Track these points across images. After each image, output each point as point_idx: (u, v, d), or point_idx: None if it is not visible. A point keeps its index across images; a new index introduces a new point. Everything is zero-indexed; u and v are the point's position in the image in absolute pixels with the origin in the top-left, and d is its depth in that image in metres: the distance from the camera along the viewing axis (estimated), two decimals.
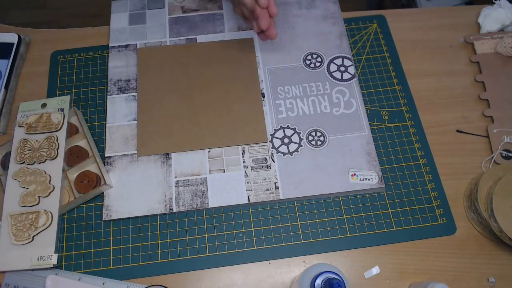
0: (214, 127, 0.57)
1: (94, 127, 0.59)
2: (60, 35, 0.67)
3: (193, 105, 0.58)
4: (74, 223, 0.53)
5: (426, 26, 0.67)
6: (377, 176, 0.54)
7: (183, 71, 0.61)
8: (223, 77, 0.60)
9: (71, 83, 0.62)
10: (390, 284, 0.50)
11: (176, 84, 0.60)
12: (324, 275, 0.37)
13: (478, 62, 0.63)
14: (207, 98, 0.59)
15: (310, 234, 0.52)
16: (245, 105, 0.58)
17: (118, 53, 0.63)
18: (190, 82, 0.60)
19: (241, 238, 0.52)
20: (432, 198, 0.54)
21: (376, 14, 0.67)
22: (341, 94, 0.60)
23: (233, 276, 0.51)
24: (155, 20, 0.66)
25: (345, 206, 0.54)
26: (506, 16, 0.63)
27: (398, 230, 0.52)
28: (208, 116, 0.58)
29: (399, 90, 0.61)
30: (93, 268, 0.51)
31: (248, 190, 0.54)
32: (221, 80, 0.60)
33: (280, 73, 0.61)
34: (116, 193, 0.54)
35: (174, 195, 0.54)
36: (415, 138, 0.58)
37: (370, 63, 0.63)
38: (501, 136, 0.57)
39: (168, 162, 0.55)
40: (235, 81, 0.60)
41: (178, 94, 0.59)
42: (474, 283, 0.50)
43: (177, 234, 0.52)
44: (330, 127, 0.57)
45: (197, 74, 0.61)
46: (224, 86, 0.60)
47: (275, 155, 0.56)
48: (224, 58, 0.62)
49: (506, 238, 0.47)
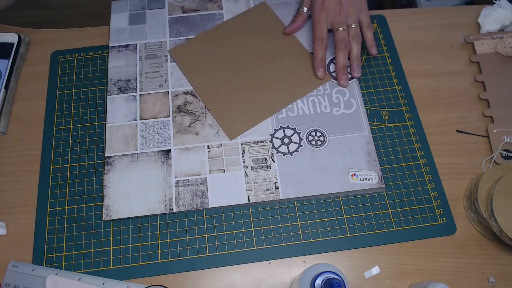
0: (279, 87, 0.60)
1: (94, 127, 0.59)
2: (60, 35, 0.67)
3: (250, 76, 0.61)
4: (74, 223, 0.53)
5: (426, 26, 0.67)
6: (377, 176, 0.54)
7: (224, 51, 0.63)
8: (261, 42, 0.64)
9: (71, 83, 0.62)
10: (390, 284, 0.50)
11: (225, 65, 0.62)
12: (324, 275, 0.37)
13: (478, 62, 0.63)
14: (258, 65, 0.61)
15: (310, 234, 0.52)
16: (293, 58, 0.62)
17: (118, 53, 0.63)
18: (236, 58, 0.62)
19: (241, 238, 0.52)
20: (432, 198, 0.54)
21: (376, 14, 0.67)
22: (341, 94, 0.60)
23: (233, 276, 0.51)
24: (155, 20, 0.66)
25: (345, 206, 0.54)
26: (506, 16, 0.63)
27: (398, 230, 0.52)
28: (268, 80, 0.60)
29: (399, 90, 0.61)
30: (93, 268, 0.51)
31: (248, 190, 0.54)
32: (261, 45, 0.63)
33: None
34: (116, 193, 0.54)
35: (174, 195, 0.54)
36: (415, 138, 0.58)
37: (370, 63, 0.63)
38: (501, 136, 0.57)
39: (168, 162, 0.55)
40: (274, 41, 0.63)
41: (231, 73, 0.61)
42: (474, 283, 0.50)
43: (177, 234, 0.52)
44: (330, 127, 0.57)
45: (237, 48, 0.63)
46: (267, 49, 0.63)
47: (275, 155, 0.56)
48: (253, 26, 0.65)
49: (506, 238, 0.47)
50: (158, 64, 0.62)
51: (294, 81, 0.60)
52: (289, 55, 0.62)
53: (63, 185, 0.55)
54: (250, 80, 0.60)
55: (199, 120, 0.58)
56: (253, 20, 0.65)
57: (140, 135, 0.57)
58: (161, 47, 0.64)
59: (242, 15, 0.66)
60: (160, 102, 0.60)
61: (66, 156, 0.57)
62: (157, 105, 0.59)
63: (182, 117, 0.58)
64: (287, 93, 0.59)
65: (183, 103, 0.59)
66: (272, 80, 0.60)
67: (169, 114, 0.59)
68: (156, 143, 0.57)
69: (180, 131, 0.58)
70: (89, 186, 0.55)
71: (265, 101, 0.59)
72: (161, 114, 0.59)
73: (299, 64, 0.61)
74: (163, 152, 0.56)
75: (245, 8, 0.67)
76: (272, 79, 0.60)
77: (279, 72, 0.61)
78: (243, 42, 0.63)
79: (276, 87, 0.60)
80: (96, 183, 0.55)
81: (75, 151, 0.57)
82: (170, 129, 0.58)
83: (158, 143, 0.57)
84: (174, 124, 0.58)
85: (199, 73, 0.61)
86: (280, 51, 0.63)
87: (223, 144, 0.56)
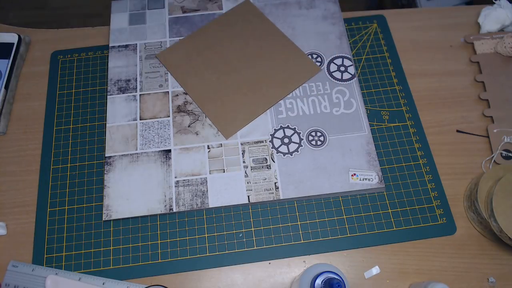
0: (270, 83, 0.60)
1: (94, 127, 0.59)
2: (60, 35, 0.67)
3: (240, 74, 0.61)
4: (74, 223, 0.53)
5: (426, 26, 0.67)
6: (377, 176, 0.54)
7: (212, 52, 0.63)
8: (249, 39, 0.63)
9: (71, 83, 0.62)
10: (390, 284, 0.50)
11: (214, 65, 0.62)
12: (324, 275, 0.37)
13: (478, 62, 0.63)
14: (247, 63, 0.61)
15: (310, 234, 0.52)
16: (282, 53, 0.62)
17: (118, 53, 0.63)
18: (224, 57, 0.62)
19: (241, 238, 0.52)
20: (432, 198, 0.54)
21: (376, 14, 0.67)
22: (341, 94, 0.60)
23: (233, 276, 0.51)
24: (155, 20, 0.66)
25: (345, 206, 0.54)
26: (506, 16, 0.63)
27: (398, 230, 0.52)
28: (259, 77, 0.60)
29: (399, 90, 0.61)
30: (93, 268, 0.51)
31: (248, 190, 0.54)
32: (248, 43, 0.63)
33: None
34: (116, 193, 0.54)
35: (174, 195, 0.54)
36: (415, 138, 0.58)
37: (370, 63, 0.63)
38: (501, 136, 0.57)
39: (168, 162, 0.55)
40: (261, 38, 0.64)
41: (221, 72, 0.61)
42: (474, 283, 0.50)
43: (177, 234, 0.52)
44: (330, 127, 0.57)
45: (225, 48, 0.63)
46: (255, 46, 0.63)
47: (275, 155, 0.56)
48: (238, 24, 0.65)
49: (506, 238, 0.47)
50: (158, 64, 0.62)
51: (285, 76, 0.60)
52: (278, 51, 0.62)
53: (63, 185, 0.55)
54: (241, 78, 0.60)
55: (199, 120, 0.58)
56: (238, 19, 0.65)
57: (140, 135, 0.57)
58: (161, 47, 0.64)
59: (226, 15, 0.66)
60: (160, 102, 0.60)
61: (66, 156, 0.57)
62: (157, 105, 0.59)
63: (182, 117, 0.58)
64: (279, 87, 0.60)
65: (183, 103, 0.59)
66: (263, 76, 0.60)
67: (169, 114, 0.59)
68: (156, 143, 0.57)
69: (180, 131, 0.58)
70: (89, 186, 0.55)
71: (258, 97, 0.59)
72: (161, 114, 0.59)
73: (288, 58, 0.62)
74: (163, 152, 0.56)
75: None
76: (263, 75, 0.61)
77: (269, 68, 0.61)
78: (230, 41, 0.63)
79: (267, 83, 0.60)
80: (96, 183, 0.55)
81: (75, 151, 0.57)
82: (170, 129, 0.58)
83: (158, 143, 0.57)
84: (174, 124, 0.58)
85: (189, 76, 0.61)
86: (268, 46, 0.63)
87: (223, 144, 0.57)
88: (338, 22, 0.65)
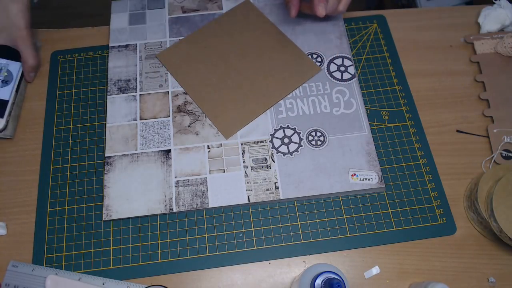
0: (270, 83, 0.60)
1: (94, 127, 0.59)
2: (60, 35, 0.67)
3: (240, 74, 0.61)
4: (74, 223, 0.53)
5: (426, 26, 0.67)
6: (377, 176, 0.54)
7: (212, 51, 0.63)
8: (248, 39, 0.64)
9: (71, 83, 0.62)
10: (390, 284, 0.50)
11: (214, 65, 0.62)
12: (324, 275, 0.37)
13: (478, 62, 0.63)
14: (247, 63, 0.61)
15: (310, 234, 0.52)
16: (282, 52, 0.62)
17: (118, 53, 0.63)
18: (224, 57, 0.62)
19: (241, 238, 0.52)
20: (432, 198, 0.54)
21: (376, 14, 0.67)
22: (341, 94, 0.60)
23: (233, 276, 0.51)
24: (155, 20, 0.66)
25: (345, 206, 0.54)
26: (506, 16, 0.63)
27: (398, 230, 0.52)
28: (259, 77, 0.60)
29: (399, 90, 0.61)
30: (93, 268, 0.51)
31: (248, 190, 0.54)
32: (248, 43, 0.63)
33: None
34: (116, 193, 0.54)
35: (174, 195, 0.54)
36: (415, 138, 0.58)
37: (370, 63, 0.63)
38: (501, 136, 0.57)
39: (168, 162, 0.55)
40: (261, 38, 0.63)
41: (221, 72, 0.61)
42: (474, 283, 0.50)
43: (177, 234, 0.52)
44: (330, 127, 0.57)
45: (225, 48, 0.63)
46: (255, 46, 0.63)
47: (275, 155, 0.56)
48: (238, 24, 0.65)
49: (506, 238, 0.47)
50: (158, 64, 0.62)
51: (285, 75, 0.60)
52: (277, 50, 0.62)
53: (63, 185, 0.55)
54: (241, 78, 0.60)
55: (199, 120, 0.58)
56: (238, 19, 0.65)
57: (140, 135, 0.57)
58: (161, 47, 0.64)
59: (226, 15, 0.66)
60: (160, 102, 0.60)
61: (66, 156, 0.57)
62: (157, 105, 0.59)
63: (182, 117, 0.58)
64: (279, 87, 0.60)
65: (183, 103, 0.59)
66: (263, 76, 0.60)
67: (169, 114, 0.59)
68: (156, 143, 0.57)
69: (180, 131, 0.58)
70: (89, 186, 0.55)
71: (258, 97, 0.59)
72: (161, 114, 0.59)
73: (288, 58, 0.62)
74: (163, 152, 0.56)
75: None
76: (263, 75, 0.61)
77: (269, 68, 0.61)
78: (230, 41, 0.63)
79: (267, 83, 0.60)
80: (96, 183, 0.55)
81: (75, 151, 0.57)
82: (170, 129, 0.58)
83: (158, 143, 0.57)
84: (174, 124, 0.58)
85: (189, 76, 0.61)
86: (268, 46, 0.63)
87: (223, 144, 0.57)
88: (338, 22, 0.65)
